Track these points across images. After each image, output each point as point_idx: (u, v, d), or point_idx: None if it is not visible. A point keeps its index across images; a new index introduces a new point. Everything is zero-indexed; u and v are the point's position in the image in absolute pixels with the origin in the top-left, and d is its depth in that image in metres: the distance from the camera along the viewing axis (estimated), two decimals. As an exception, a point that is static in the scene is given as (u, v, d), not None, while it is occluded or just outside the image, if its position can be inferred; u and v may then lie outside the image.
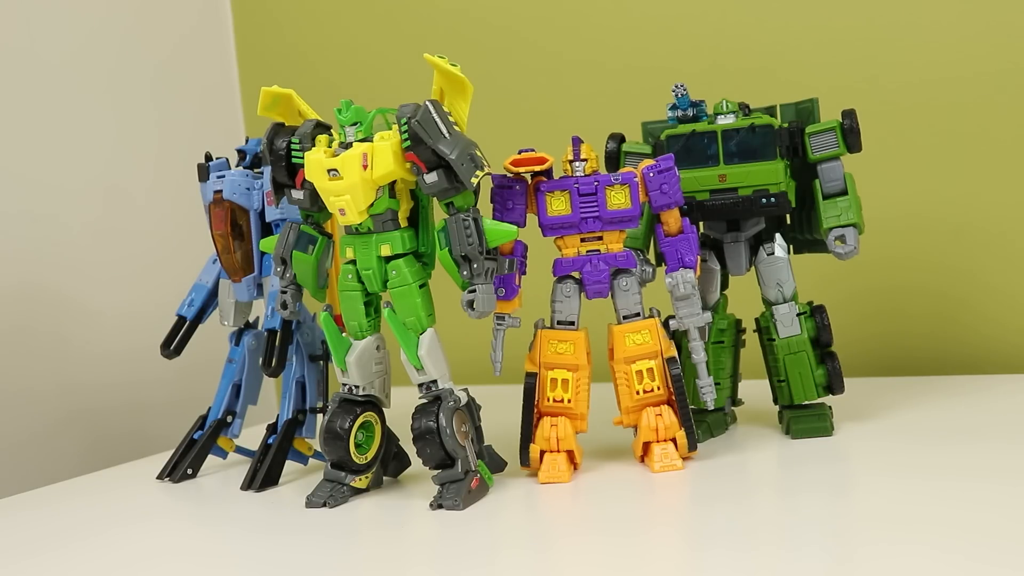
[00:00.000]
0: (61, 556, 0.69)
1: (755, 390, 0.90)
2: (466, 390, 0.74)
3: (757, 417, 0.89)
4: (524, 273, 0.78)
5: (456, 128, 0.71)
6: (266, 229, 0.85)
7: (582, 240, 0.77)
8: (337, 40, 1.34)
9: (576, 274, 0.77)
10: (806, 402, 0.83)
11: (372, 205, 0.72)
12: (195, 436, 0.88)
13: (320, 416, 0.83)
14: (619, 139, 0.86)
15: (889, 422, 0.84)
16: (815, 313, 0.83)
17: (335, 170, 0.70)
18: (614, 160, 0.85)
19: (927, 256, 1.06)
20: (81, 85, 1.17)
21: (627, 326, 0.76)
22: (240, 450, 0.90)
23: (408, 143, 0.70)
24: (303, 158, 0.72)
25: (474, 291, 0.72)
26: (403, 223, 0.74)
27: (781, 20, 1.10)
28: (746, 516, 0.65)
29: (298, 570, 0.62)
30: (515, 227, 0.74)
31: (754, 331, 0.86)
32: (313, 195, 0.74)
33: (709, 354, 0.83)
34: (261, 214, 0.85)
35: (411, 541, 0.67)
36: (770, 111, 0.84)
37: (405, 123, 0.70)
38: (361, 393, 0.75)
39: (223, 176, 0.85)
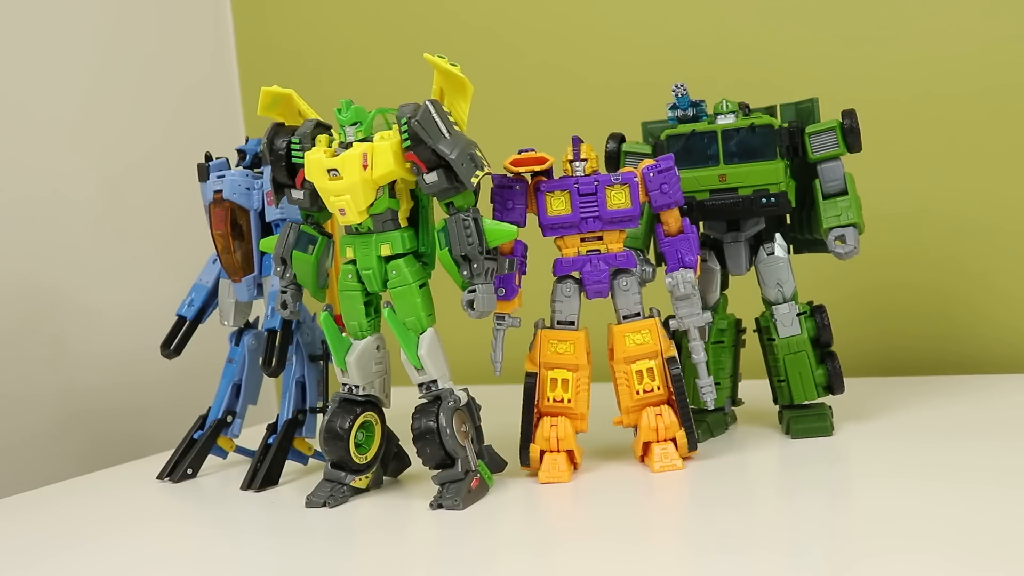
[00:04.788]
0: (61, 557, 0.68)
1: (755, 390, 0.90)
2: (466, 390, 0.74)
3: (757, 417, 0.89)
4: (524, 273, 0.78)
5: (456, 128, 0.71)
6: (266, 229, 0.85)
7: (582, 240, 0.77)
8: (337, 40, 1.34)
9: (576, 274, 0.77)
10: (806, 402, 0.83)
11: (372, 205, 0.72)
12: (195, 436, 0.88)
13: (320, 416, 0.83)
14: (619, 139, 0.86)
15: (889, 422, 0.84)
16: (815, 313, 0.83)
17: (335, 170, 0.70)
18: (614, 160, 0.85)
19: (927, 256, 1.06)
20: (81, 85, 1.17)
21: (627, 326, 0.76)
22: (240, 450, 0.90)
23: (408, 143, 0.70)
24: (303, 158, 0.72)
25: (474, 291, 0.72)
26: (403, 223, 0.74)
27: (781, 20, 1.10)
28: (746, 517, 0.65)
29: (298, 571, 0.62)
30: (515, 227, 0.74)
31: (754, 331, 0.86)
32: (313, 195, 0.74)
33: (709, 354, 0.83)
34: (261, 214, 0.85)
35: (411, 542, 0.67)
36: (770, 111, 0.84)
37: (405, 123, 0.70)
38: (361, 393, 0.75)
39: (223, 176, 0.85)
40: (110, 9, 1.22)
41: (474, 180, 0.71)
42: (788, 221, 0.85)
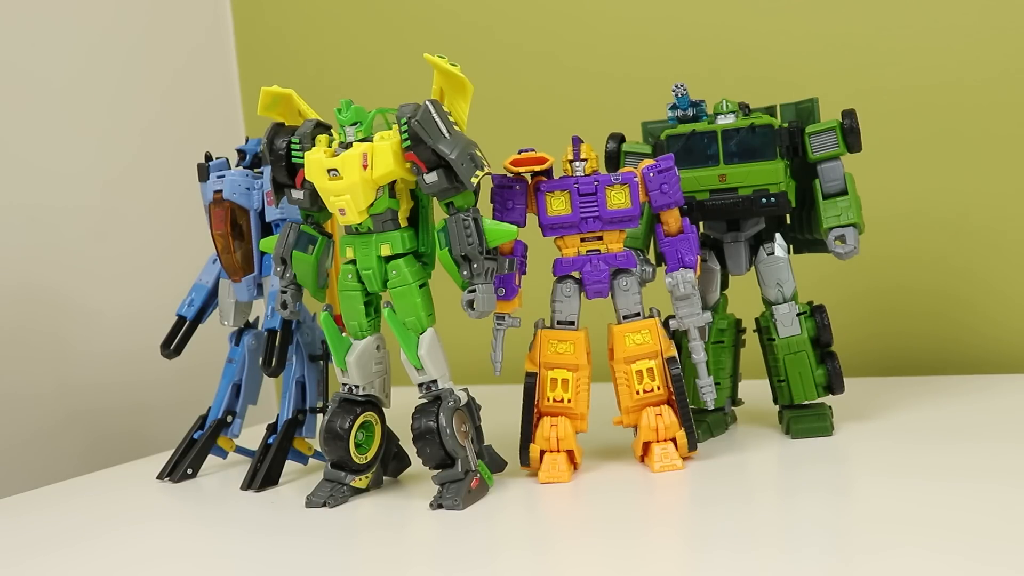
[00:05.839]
0: (61, 556, 0.69)
1: (755, 390, 0.90)
2: (466, 390, 0.74)
3: (757, 417, 0.89)
4: (524, 273, 0.78)
5: (456, 128, 0.71)
6: (266, 229, 0.85)
7: (582, 240, 0.77)
8: (337, 40, 1.34)
9: (576, 274, 0.77)
10: (806, 402, 0.83)
11: (372, 205, 0.72)
12: (195, 436, 0.88)
13: (320, 416, 0.83)
14: (619, 139, 0.86)
15: (889, 422, 0.84)
16: (815, 313, 0.83)
17: (335, 170, 0.70)
18: (614, 160, 0.85)
19: (927, 256, 1.06)
20: (81, 85, 1.17)
21: (627, 326, 0.76)
22: (240, 450, 0.90)
23: (408, 143, 0.70)
24: (303, 158, 0.72)
25: (474, 291, 0.72)
26: (403, 223, 0.74)
27: (781, 20, 1.10)
28: (746, 516, 0.65)
29: (298, 571, 0.62)
30: (515, 227, 0.74)
31: (754, 331, 0.86)
32: (313, 195, 0.74)
33: (709, 354, 0.83)
34: (261, 214, 0.85)
35: (411, 541, 0.67)
36: (770, 111, 0.84)
37: (405, 123, 0.70)
38: (361, 393, 0.75)
39: (223, 176, 0.85)
40: (110, 12, 1.22)
41: (474, 180, 0.71)
42: (788, 221, 0.85)
